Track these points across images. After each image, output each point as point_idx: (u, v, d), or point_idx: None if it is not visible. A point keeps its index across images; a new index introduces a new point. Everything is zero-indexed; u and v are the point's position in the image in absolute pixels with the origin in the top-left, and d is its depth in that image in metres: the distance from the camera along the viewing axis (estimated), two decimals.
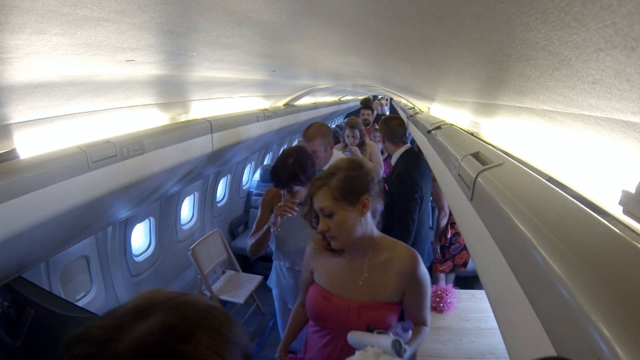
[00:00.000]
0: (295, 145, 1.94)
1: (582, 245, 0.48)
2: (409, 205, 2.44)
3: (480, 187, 0.89)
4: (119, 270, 2.70)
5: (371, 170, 1.29)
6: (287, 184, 1.74)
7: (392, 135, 2.63)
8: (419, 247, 2.64)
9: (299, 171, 1.74)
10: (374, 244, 1.31)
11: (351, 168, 1.26)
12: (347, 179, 1.22)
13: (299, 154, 1.79)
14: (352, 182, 1.23)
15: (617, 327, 0.35)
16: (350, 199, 1.21)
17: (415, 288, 1.29)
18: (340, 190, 1.21)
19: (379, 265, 1.30)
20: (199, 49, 1.14)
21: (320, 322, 1.37)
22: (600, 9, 0.31)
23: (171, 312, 0.49)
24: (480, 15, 0.47)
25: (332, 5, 0.68)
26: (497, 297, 0.75)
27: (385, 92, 6.67)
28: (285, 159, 1.77)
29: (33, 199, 1.21)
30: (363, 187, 1.24)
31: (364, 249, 1.31)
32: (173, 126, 2.11)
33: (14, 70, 0.89)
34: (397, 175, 2.54)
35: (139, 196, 2.05)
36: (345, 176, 1.23)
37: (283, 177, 1.73)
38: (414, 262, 1.28)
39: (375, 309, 1.27)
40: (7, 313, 1.51)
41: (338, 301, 1.31)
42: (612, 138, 0.53)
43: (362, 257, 1.31)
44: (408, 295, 1.30)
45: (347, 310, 1.28)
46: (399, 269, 1.28)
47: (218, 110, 2.71)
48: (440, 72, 1.14)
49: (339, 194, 1.21)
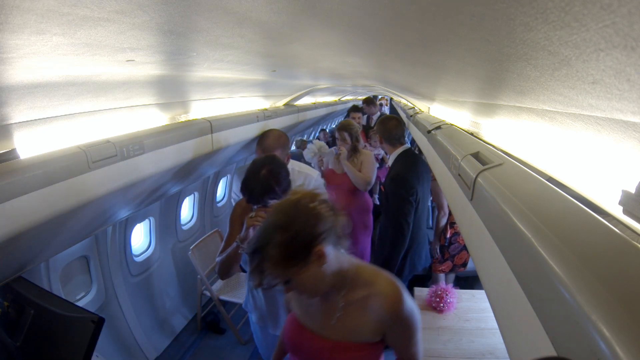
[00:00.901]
0: (266, 155, 1.76)
1: (582, 245, 0.48)
2: (404, 209, 2.39)
3: (480, 187, 0.89)
4: (118, 270, 2.70)
5: (314, 208, 1.03)
6: (262, 199, 1.57)
7: (389, 136, 2.57)
8: (416, 250, 2.61)
9: (273, 183, 1.57)
10: (347, 279, 1.14)
11: (284, 226, 0.99)
12: (284, 244, 0.98)
13: (273, 164, 1.62)
14: (292, 244, 0.99)
15: (617, 327, 0.35)
16: (298, 261, 1.00)
17: (400, 327, 1.13)
18: (281, 259, 0.99)
19: (356, 303, 1.13)
20: (199, 49, 1.14)
21: (294, 354, 1.26)
22: (600, 9, 0.31)
23: None
24: (480, 15, 0.47)
25: (332, 5, 0.68)
26: (497, 297, 0.75)
27: (385, 92, 6.67)
28: (258, 170, 1.59)
29: (33, 199, 1.21)
30: (308, 241, 1.00)
31: (337, 287, 1.14)
32: (173, 126, 2.10)
33: (14, 70, 0.89)
34: (391, 177, 2.49)
35: (139, 196, 2.05)
36: (280, 242, 0.98)
37: (257, 191, 1.56)
38: (395, 301, 1.10)
39: (352, 349, 1.14)
40: (7, 313, 1.51)
41: (311, 337, 1.19)
42: (612, 138, 0.53)
43: (336, 294, 1.15)
44: (391, 335, 1.15)
45: (319, 349, 1.17)
46: (378, 310, 1.10)
47: (218, 110, 2.70)
48: (440, 72, 1.14)
49: (283, 262, 0.99)
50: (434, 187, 3.23)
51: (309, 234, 1.01)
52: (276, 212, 1.05)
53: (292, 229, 0.99)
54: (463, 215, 1.08)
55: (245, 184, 1.59)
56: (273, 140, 2.09)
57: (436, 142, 1.75)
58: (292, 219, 1.01)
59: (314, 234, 1.01)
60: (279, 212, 1.04)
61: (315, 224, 1.01)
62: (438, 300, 2.40)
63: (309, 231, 1.01)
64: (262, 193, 1.56)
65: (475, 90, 1.06)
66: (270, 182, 1.56)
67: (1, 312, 1.48)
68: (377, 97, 10.12)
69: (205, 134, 2.34)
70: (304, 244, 1.00)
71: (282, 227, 1.00)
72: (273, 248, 0.98)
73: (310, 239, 1.01)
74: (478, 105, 1.23)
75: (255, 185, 1.56)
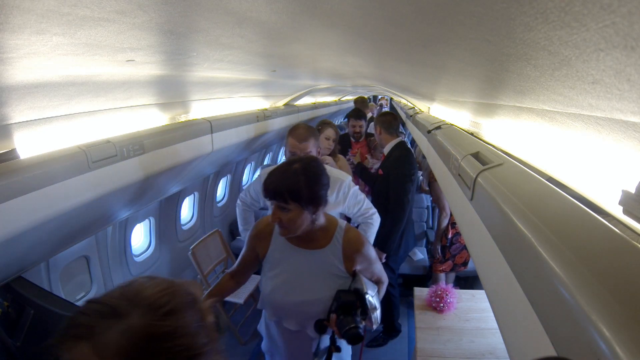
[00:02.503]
0: (308, 155, 1.60)
1: (582, 245, 0.48)
2: (406, 187, 2.67)
3: (480, 187, 0.89)
4: (119, 270, 2.70)
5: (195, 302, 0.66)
6: (281, 195, 1.28)
7: (389, 126, 2.85)
8: (407, 233, 2.91)
9: (303, 183, 1.29)
10: None
11: (153, 309, 0.59)
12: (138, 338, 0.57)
13: (313, 162, 1.37)
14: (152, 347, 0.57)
15: (617, 327, 0.35)
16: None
17: None
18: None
19: None
20: (199, 49, 1.14)
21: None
22: (600, 9, 0.31)
23: None
24: (480, 15, 0.47)
25: (332, 5, 0.68)
26: (497, 297, 0.75)
27: (385, 92, 6.67)
28: (291, 163, 1.35)
29: (33, 199, 1.21)
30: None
31: None
32: (173, 126, 2.10)
33: (14, 70, 0.89)
34: (395, 158, 2.78)
35: (139, 196, 2.05)
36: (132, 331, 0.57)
37: (280, 184, 1.29)
38: None
39: None
40: (7, 313, 1.51)
41: None
42: (612, 138, 0.53)
43: None
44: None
45: None
46: None
47: (218, 110, 2.70)
48: (440, 72, 1.14)
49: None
50: (434, 188, 3.23)
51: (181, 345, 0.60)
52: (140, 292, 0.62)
53: (168, 321, 0.60)
54: (463, 215, 1.08)
55: (271, 173, 1.36)
56: (304, 129, 1.92)
57: (436, 142, 1.75)
58: (164, 303, 0.61)
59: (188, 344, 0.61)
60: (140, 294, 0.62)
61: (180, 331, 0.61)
62: (438, 300, 2.40)
63: (184, 340, 0.60)
64: (287, 189, 1.28)
65: (475, 90, 1.06)
66: (300, 178, 1.29)
67: (1, 312, 1.48)
68: (377, 97, 10.13)
69: (205, 134, 2.34)
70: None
71: (147, 310, 0.59)
72: (117, 332, 0.56)
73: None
74: (478, 105, 1.23)
75: (282, 178, 1.30)
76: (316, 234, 1.41)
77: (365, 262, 1.46)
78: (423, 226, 4.00)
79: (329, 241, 1.43)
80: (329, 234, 1.44)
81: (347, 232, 1.46)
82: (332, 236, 1.44)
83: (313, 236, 1.41)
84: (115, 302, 0.58)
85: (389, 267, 2.94)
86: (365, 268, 1.46)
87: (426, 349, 2.13)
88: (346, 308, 1.32)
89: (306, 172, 1.31)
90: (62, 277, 2.18)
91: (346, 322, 1.29)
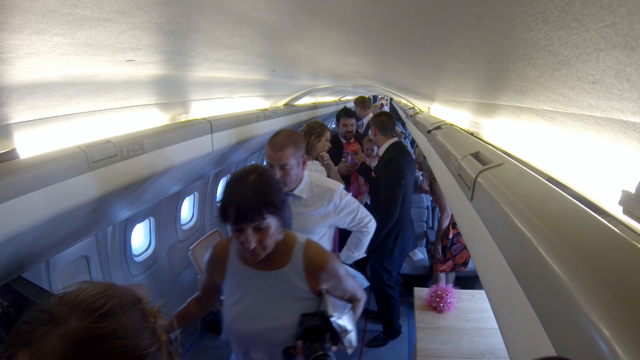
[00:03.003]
0: (253, 164, 1.32)
1: (582, 245, 0.48)
2: (395, 191, 2.70)
3: (480, 187, 0.89)
4: (119, 270, 2.70)
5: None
6: (258, 212, 1.12)
7: (383, 127, 2.86)
8: (405, 234, 2.90)
9: (272, 190, 1.17)
10: None
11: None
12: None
13: (263, 171, 1.23)
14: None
15: (617, 327, 0.35)
16: None
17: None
18: None
19: None
20: (199, 49, 1.14)
21: None
22: (600, 9, 0.31)
23: None
24: (480, 15, 0.47)
25: (332, 5, 0.68)
26: (497, 297, 0.75)
27: (385, 92, 6.67)
28: (244, 176, 1.17)
29: (33, 199, 1.21)
30: None
31: None
32: (173, 126, 2.10)
33: (14, 70, 0.89)
34: (385, 161, 2.79)
35: (139, 196, 2.05)
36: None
37: (249, 202, 1.11)
38: None
39: None
40: (7, 313, 1.50)
41: None
42: (612, 138, 0.53)
43: None
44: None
45: None
46: None
47: (218, 110, 2.70)
48: (440, 72, 1.14)
49: None
50: (435, 189, 3.24)
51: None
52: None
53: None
54: (463, 215, 1.08)
55: (227, 197, 1.15)
56: (284, 136, 1.68)
57: (436, 142, 1.75)
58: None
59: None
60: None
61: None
62: (438, 300, 2.41)
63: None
64: (258, 203, 1.11)
65: (475, 90, 1.06)
66: (267, 186, 1.16)
67: (1, 312, 1.48)
68: (377, 97, 10.12)
69: (205, 134, 2.34)
70: None
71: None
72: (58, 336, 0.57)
73: None
74: (478, 105, 1.23)
75: (246, 195, 1.12)
76: (274, 252, 1.23)
77: (333, 280, 1.30)
78: (423, 226, 4.00)
79: (288, 259, 1.27)
80: (287, 251, 1.27)
81: (308, 247, 1.29)
82: (291, 253, 1.27)
83: (270, 255, 1.22)
84: (53, 308, 0.59)
85: (385, 269, 2.95)
86: (334, 286, 1.31)
87: (426, 349, 2.14)
88: (312, 333, 1.19)
89: (267, 179, 1.19)
90: (62, 277, 2.18)
91: (313, 349, 1.16)
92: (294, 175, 1.71)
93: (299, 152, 1.70)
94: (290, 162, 1.67)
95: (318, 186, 1.83)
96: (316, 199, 1.81)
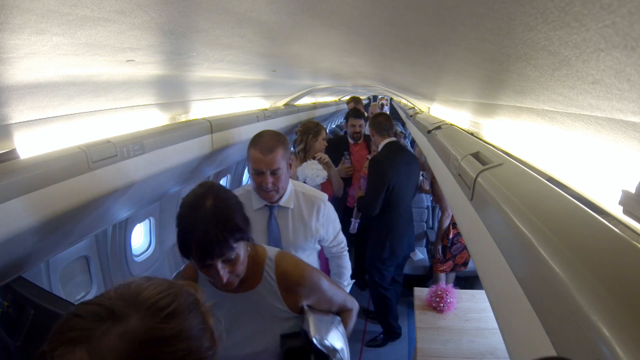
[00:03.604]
0: (201, 183, 1.08)
1: (582, 245, 0.48)
2: (375, 190, 2.74)
3: (480, 187, 0.89)
4: (118, 270, 2.70)
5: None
6: (225, 244, 0.96)
7: (380, 127, 2.90)
8: (395, 236, 2.90)
9: (233, 213, 1.00)
10: None
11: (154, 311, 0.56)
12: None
13: (217, 192, 1.03)
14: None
15: (617, 327, 0.35)
16: None
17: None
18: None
19: None
20: (199, 49, 1.14)
21: None
22: (600, 9, 0.31)
23: None
24: (480, 15, 0.47)
25: (332, 5, 0.68)
26: (497, 297, 0.75)
27: (385, 92, 6.67)
28: (199, 203, 0.98)
29: (33, 199, 1.21)
30: None
31: None
32: (173, 126, 2.10)
33: (14, 70, 0.89)
34: (370, 160, 2.84)
35: (139, 196, 2.05)
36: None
37: (212, 235, 0.94)
38: None
39: None
40: (7, 313, 1.51)
41: None
42: (612, 138, 0.53)
43: None
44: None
45: None
46: None
47: (218, 110, 2.70)
48: (440, 72, 1.14)
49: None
50: (435, 189, 3.24)
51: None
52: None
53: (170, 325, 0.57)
54: (463, 215, 1.08)
55: (185, 232, 0.96)
56: (271, 136, 1.48)
57: (436, 142, 1.75)
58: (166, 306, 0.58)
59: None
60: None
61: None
62: (438, 300, 2.40)
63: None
64: (222, 234, 0.95)
65: (475, 90, 1.06)
66: (227, 211, 0.99)
67: (1, 312, 1.48)
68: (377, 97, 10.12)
69: (205, 134, 2.34)
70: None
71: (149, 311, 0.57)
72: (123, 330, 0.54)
73: None
74: (478, 105, 1.23)
75: (207, 227, 0.94)
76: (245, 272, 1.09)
77: (315, 294, 1.15)
78: (423, 226, 4.00)
79: (260, 278, 1.12)
80: (258, 269, 1.12)
81: (280, 261, 1.13)
82: (262, 270, 1.12)
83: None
84: (113, 304, 0.55)
85: (377, 269, 2.96)
86: (317, 300, 1.16)
87: (426, 349, 2.14)
88: (295, 356, 1.08)
89: (225, 200, 1.01)
90: (62, 277, 2.18)
91: None
92: (285, 180, 1.51)
93: (287, 153, 1.51)
94: (282, 165, 1.47)
95: (304, 194, 1.62)
96: (303, 209, 1.60)
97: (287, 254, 1.19)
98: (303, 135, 2.64)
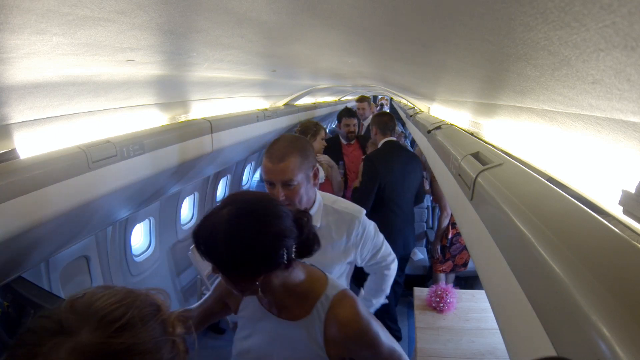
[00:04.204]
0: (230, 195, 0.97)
1: (582, 245, 0.48)
2: (366, 188, 2.74)
3: (480, 187, 0.89)
4: (119, 270, 2.70)
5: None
6: (206, 255, 0.93)
7: (384, 126, 2.92)
8: (390, 236, 2.76)
9: (227, 232, 0.86)
10: None
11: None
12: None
13: (237, 198, 0.93)
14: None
15: (617, 327, 0.35)
16: None
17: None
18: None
19: None
20: (199, 49, 1.14)
21: None
22: (600, 9, 0.31)
23: None
24: (480, 15, 0.47)
25: (332, 5, 0.68)
26: (497, 297, 0.75)
27: (385, 92, 6.67)
28: (218, 208, 0.90)
29: (33, 199, 1.21)
30: None
31: None
32: (173, 126, 2.10)
33: (14, 70, 0.89)
34: (364, 158, 2.85)
35: (139, 196, 2.05)
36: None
37: (200, 240, 0.91)
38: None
39: None
40: (7, 313, 1.51)
41: None
42: (612, 138, 0.53)
43: None
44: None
45: None
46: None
47: (218, 110, 2.71)
48: (440, 72, 1.14)
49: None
50: (435, 188, 3.24)
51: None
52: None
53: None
54: (463, 215, 1.08)
55: (206, 241, 0.91)
56: (286, 143, 1.26)
57: (436, 142, 1.75)
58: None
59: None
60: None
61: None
62: (438, 300, 2.40)
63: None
64: (206, 244, 0.90)
65: (475, 90, 1.06)
66: (221, 229, 0.86)
67: (1, 312, 1.48)
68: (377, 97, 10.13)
69: (205, 134, 2.34)
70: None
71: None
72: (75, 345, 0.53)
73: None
74: (478, 105, 1.23)
75: (201, 231, 0.90)
76: (289, 299, 0.99)
77: (364, 351, 0.99)
78: (423, 226, 4.00)
79: (307, 312, 0.98)
80: (308, 302, 0.99)
81: (336, 305, 0.97)
82: (313, 306, 0.98)
83: (285, 300, 0.99)
84: (64, 317, 0.52)
85: None
86: (364, 358, 1.02)
87: (426, 349, 2.13)
88: None
89: (247, 215, 0.87)
90: (62, 277, 2.18)
91: None
92: (304, 194, 1.27)
93: (307, 162, 1.26)
94: (298, 176, 1.23)
95: (335, 210, 1.38)
96: (333, 227, 1.36)
97: (347, 299, 1.00)
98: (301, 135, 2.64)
